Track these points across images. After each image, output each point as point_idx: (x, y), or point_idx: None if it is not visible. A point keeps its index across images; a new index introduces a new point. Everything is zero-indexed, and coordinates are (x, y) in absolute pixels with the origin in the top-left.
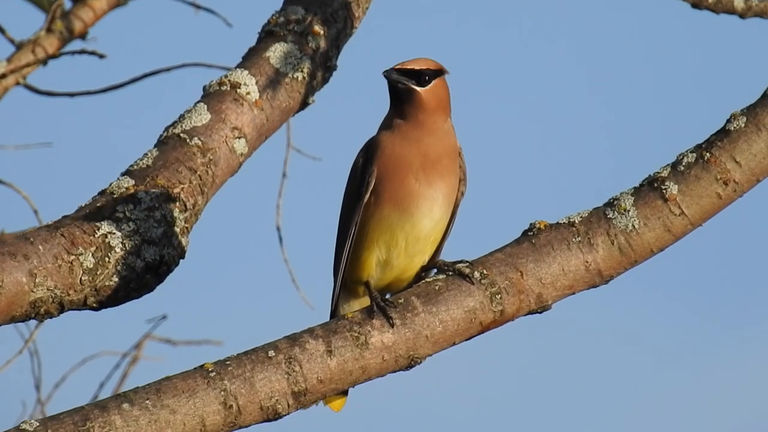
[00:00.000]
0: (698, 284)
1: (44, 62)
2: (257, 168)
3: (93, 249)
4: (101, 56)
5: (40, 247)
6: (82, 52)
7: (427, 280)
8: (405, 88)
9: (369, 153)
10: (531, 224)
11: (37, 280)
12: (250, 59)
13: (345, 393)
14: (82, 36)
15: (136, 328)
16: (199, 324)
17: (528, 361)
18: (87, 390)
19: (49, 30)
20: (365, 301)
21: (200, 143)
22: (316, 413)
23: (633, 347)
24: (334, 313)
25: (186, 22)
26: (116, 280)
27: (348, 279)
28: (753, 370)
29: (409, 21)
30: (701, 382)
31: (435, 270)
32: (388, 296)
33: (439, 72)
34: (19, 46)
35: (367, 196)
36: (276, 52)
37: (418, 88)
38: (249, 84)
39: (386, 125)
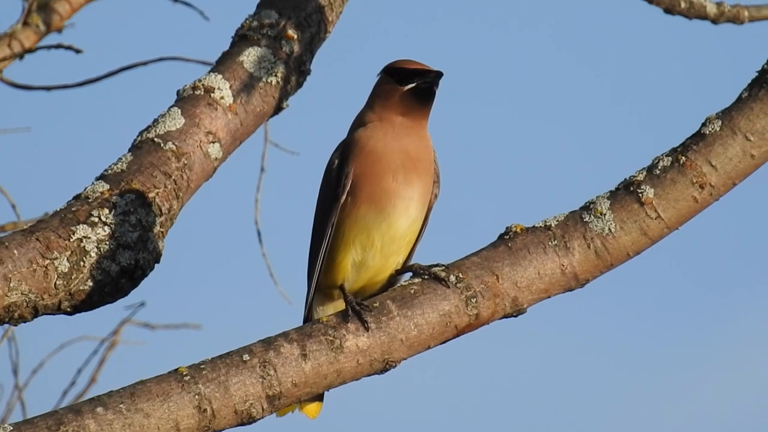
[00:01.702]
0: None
1: (21, 56)
2: (233, 168)
3: (68, 253)
4: (78, 51)
5: (15, 251)
6: (59, 46)
7: (403, 283)
8: (433, 91)
9: (345, 153)
10: (507, 228)
11: (11, 285)
12: (224, 63)
13: (320, 399)
14: (59, 30)
15: (115, 314)
16: (178, 313)
17: (503, 364)
18: (65, 375)
19: (25, 23)
20: (339, 305)
21: (174, 148)
22: (293, 419)
23: (606, 351)
24: (308, 317)
25: (163, 17)
26: (91, 284)
27: (322, 282)
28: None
29: (383, 25)
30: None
31: (410, 274)
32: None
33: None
34: None
35: (344, 197)
36: (250, 56)
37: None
38: (223, 88)
39: (362, 124)
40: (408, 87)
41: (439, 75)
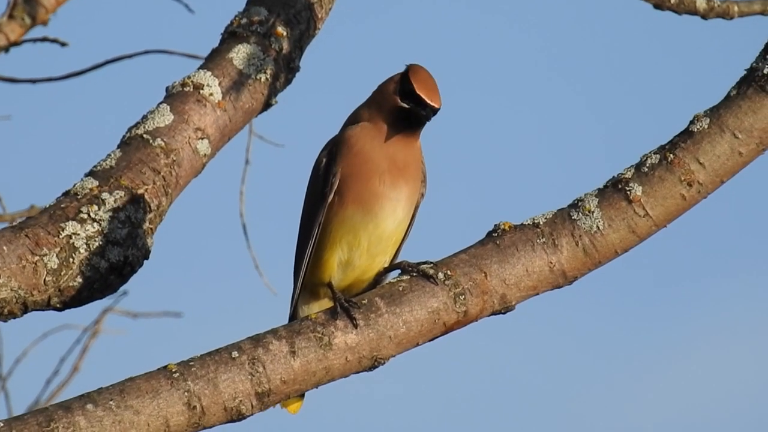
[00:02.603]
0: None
1: (6, 49)
2: (218, 161)
3: (57, 250)
4: (63, 44)
5: (5, 247)
6: (44, 39)
7: (391, 280)
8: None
9: (333, 152)
10: (495, 225)
11: (0, 281)
12: (213, 60)
13: (302, 396)
14: (44, 23)
15: (97, 303)
16: (161, 303)
17: (491, 361)
18: (48, 364)
19: (11, 16)
20: (325, 303)
21: (163, 144)
22: (279, 416)
23: (594, 348)
24: (294, 315)
25: (149, 11)
26: (80, 280)
27: (308, 280)
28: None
29: (372, 22)
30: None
31: (398, 271)
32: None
33: None
34: None
35: (331, 196)
36: (239, 53)
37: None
38: (212, 85)
39: (355, 121)
40: (402, 105)
41: (433, 111)
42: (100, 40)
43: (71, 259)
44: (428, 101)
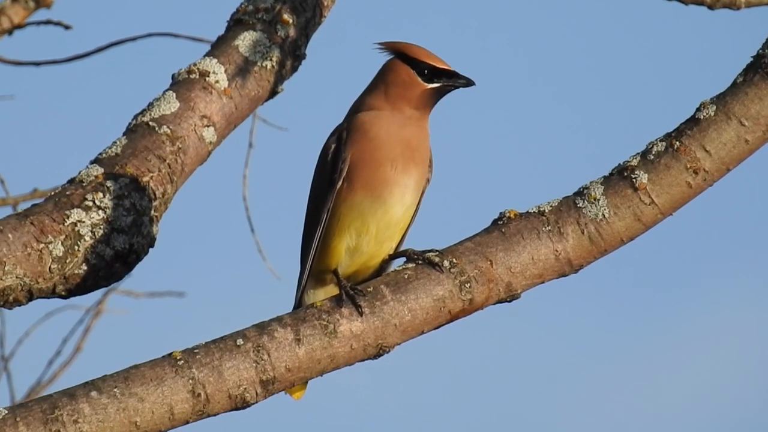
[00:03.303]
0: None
1: (10, 32)
2: (221, 145)
3: (62, 237)
4: (67, 27)
5: (10, 235)
6: (48, 22)
7: (397, 268)
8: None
9: (342, 138)
10: (501, 213)
11: (6, 268)
12: (219, 47)
13: (305, 383)
14: (48, 5)
15: None
16: (164, 285)
17: (497, 349)
18: (51, 345)
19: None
20: (332, 290)
21: (169, 131)
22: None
23: (600, 337)
24: (300, 302)
25: None
26: (85, 268)
27: (315, 266)
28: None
29: (378, 10)
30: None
31: (403, 259)
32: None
33: None
34: None
35: (340, 182)
36: (245, 40)
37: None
38: (218, 72)
39: (369, 108)
40: (433, 86)
41: (470, 83)
42: (104, 24)
43: (76, 247)
44: (449, 68)
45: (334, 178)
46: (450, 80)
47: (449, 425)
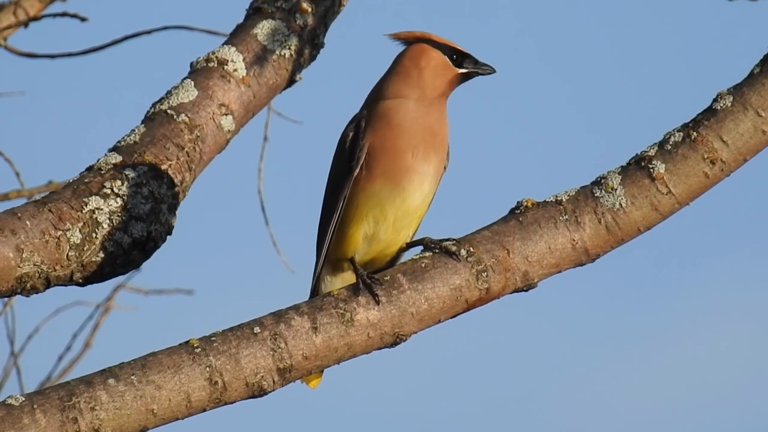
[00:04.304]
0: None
1: (25, 24)
2: (236, 137)
3: (80, 225)
4: (83, 19)
5: (28, 222)
6: (64, 14)
7: (414, 257)
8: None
9: (362, 126)
10: (518, 202)
11: (23, 255)
12: (237, 36)
13: (321, 371)
14: None
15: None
16: (176, 280)
17: (513, 339)
18: (60, 341)
19: None
20: (348, 278)
21: (187, 120)
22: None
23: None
24: (316, 290)
25: None
26: (103, 256)
27: (331, 254)
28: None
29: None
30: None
31: (420, 247)
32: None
33: None
34: (0, 8)
35: (358, 170)
36: (263, 29)
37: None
38: (236, 61)
39: (397, 96)
40: (463, 71)
41: (493, 71)
42: (120, 16)
43: (94, 234)
44: (467, 52)
45: (352, 166)
46: (476, 66)
47: (465, 414)
